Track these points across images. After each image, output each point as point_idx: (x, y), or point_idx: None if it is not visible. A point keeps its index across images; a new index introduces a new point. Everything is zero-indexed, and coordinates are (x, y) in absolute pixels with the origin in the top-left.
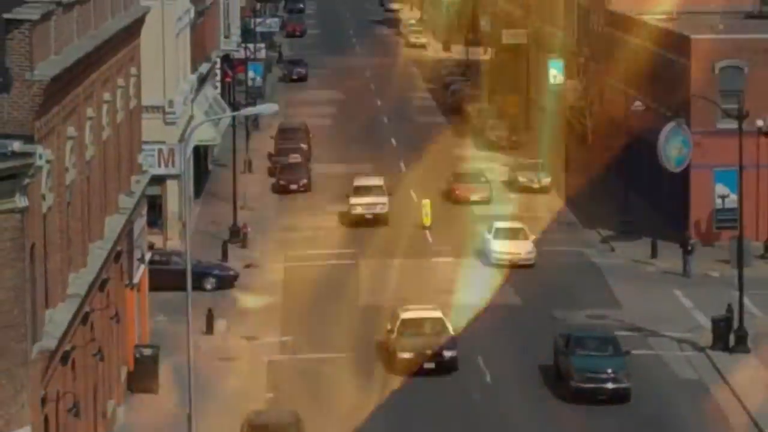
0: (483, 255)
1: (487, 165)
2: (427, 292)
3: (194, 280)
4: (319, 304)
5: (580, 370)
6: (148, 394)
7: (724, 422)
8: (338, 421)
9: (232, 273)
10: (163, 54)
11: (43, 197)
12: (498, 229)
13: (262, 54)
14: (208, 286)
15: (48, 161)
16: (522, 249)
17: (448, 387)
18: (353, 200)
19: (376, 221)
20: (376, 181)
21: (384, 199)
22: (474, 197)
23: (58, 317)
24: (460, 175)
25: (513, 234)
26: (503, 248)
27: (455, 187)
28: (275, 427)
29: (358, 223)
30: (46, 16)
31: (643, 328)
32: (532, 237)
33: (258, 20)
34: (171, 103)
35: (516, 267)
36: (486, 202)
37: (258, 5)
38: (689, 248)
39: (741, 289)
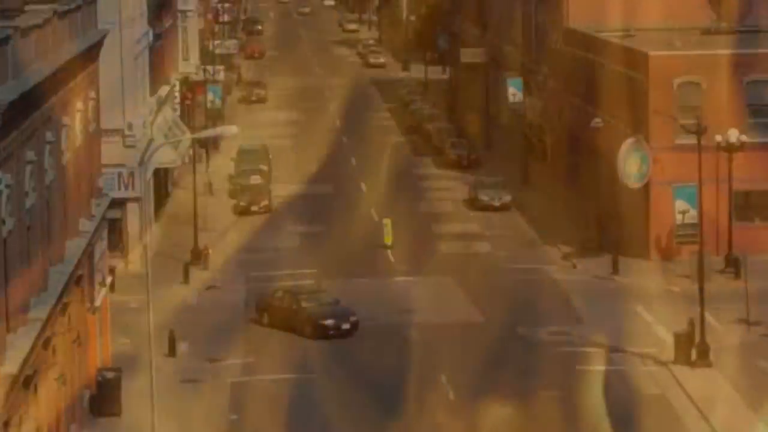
0: None
1: (448, 183)
2: (389, 310)
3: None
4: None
5: None
6: (111, 417)
7: None
8: None
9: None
10: (122, 77)
11: (3, 222)
12: None
13: (221, 76)
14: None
15: (7, 186)
16: None
17: (414, 405)
18: None
19: None
20: None
21: None
22: None
23: (19, 342)
24: None
25: None
26: None
27: None
28: None
29: None
30: (3, 41)
31: (605, 344)
32: None
33: (217, 42)
34: (130, 126)
35: None
36: None
37: (216, 27)
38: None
39: (702, 304)
